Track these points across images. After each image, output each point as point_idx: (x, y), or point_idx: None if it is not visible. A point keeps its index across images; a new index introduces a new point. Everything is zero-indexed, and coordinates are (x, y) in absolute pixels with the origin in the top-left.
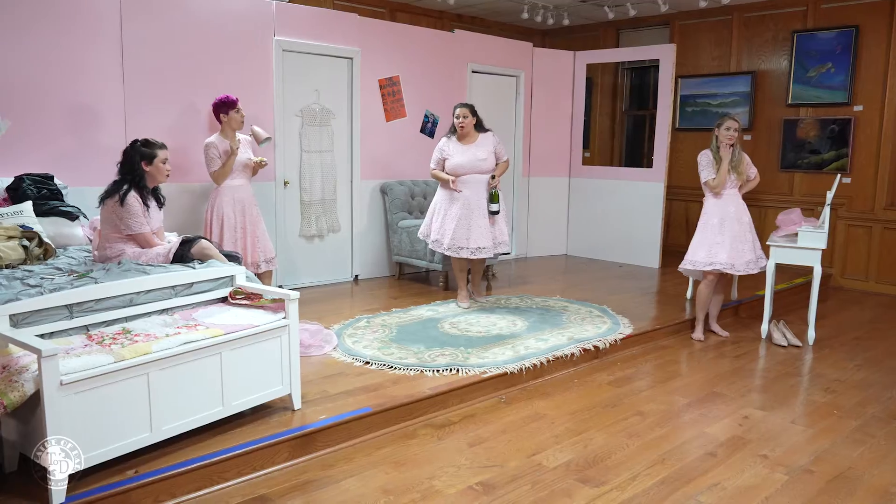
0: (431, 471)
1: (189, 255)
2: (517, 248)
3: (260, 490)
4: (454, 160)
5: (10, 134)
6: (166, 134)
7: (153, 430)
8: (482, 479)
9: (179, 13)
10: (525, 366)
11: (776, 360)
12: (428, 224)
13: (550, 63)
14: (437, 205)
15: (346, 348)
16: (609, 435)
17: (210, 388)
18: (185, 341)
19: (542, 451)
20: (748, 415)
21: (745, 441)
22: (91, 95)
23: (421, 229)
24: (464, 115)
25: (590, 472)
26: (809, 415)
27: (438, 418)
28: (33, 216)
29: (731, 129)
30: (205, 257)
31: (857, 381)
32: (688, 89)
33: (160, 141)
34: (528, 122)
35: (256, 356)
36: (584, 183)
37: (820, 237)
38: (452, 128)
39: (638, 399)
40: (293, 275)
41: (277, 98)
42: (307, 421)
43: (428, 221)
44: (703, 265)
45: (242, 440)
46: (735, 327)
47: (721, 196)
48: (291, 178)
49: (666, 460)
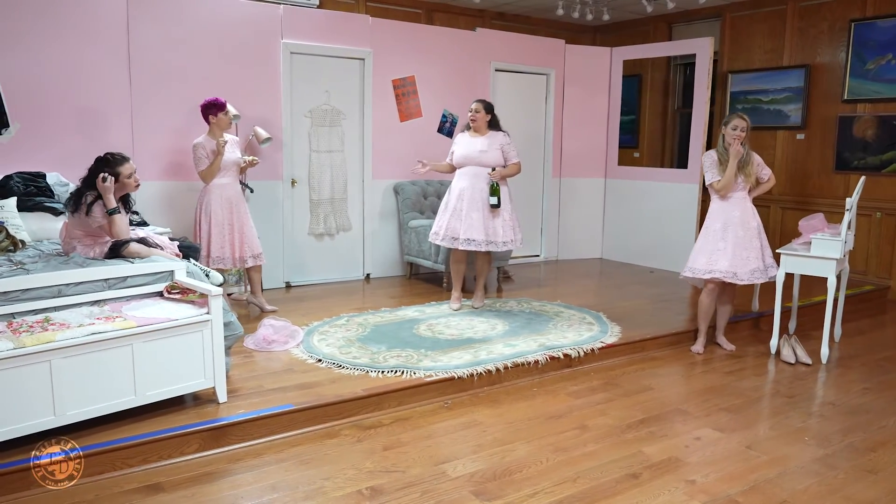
0: (330, 471)
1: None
2: (546, 251)
3: (157, 479)
4: (458, 151)
5: (20, 134)
6: (173, 135)
7: (57, 414)
8: (374, 484)
9: (186, 18)
10: (477, 371)
11: (772, 379)
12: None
13: (584, 60)
14: (444, 202)
15: (307, 346)
16: (535, 448)
17: (121, 378)
18: (91, 332)
19: (454, 459)
20: (702, 436)
21: (680, 464)
22: (98, 98)
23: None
24: (476, 108)
25: (490, 484)
26: (773, 440)
27: (369, 420)
28: (15, 210)
29: (738, 129)
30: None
31: (853, 405)
32: (738, 85)
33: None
34: (560, 122)
35: (174, 349)
36: (620, 184)
37: (834, 246)
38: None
39: (590, 412)
40: (302, 272)
41: (285, 99)
42: (226, 414)
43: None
44: (702, 273)
45: (157, 429)
46: (748, 341)
47: (727, 199)
48: (300, 178)
49: (579, 479)
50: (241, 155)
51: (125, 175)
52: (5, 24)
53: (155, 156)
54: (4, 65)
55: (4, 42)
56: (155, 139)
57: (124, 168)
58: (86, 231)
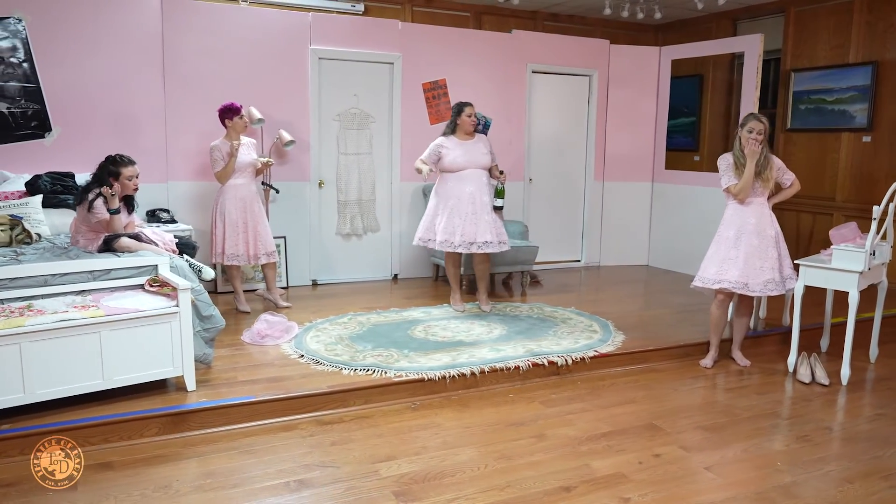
0: (270, 462)
1: (114, 250)
2: (587, 256)
3: (111, 458)
4: (453, 154)
5: (60, 137)
6: (203, 138)
7: (26, 392)
8: (304, 477)
9: (217, 29)
10: (450, 374)
11: (775, 398)
12: (424, 227)
13: (631, 60)
14: (432, 206)
15: (298, 341)
16: (480, 454)
17: (89, 362)
18: (60, 319)
19: (393, 459)
20: (662, 454)
21: (623, 481)
22: (134, 104)
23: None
24: (471, 115)
25: (416, 486)
26: (740, 463)
27: (331, 416)
28: (39, 207)
29: (755, 131)
30: (129, 251)
31: (854, 431)
32: (801, 84)
33: (130, 158)
34: (603, 124)
35: (143, 338)
36: (668, 189)
37: (857, 257)
38: (450, 127)
39: (555, 421)
40: (329, 270)
41: (313, 103)
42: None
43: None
44: (711, 283)
45: (124, 411)
46: (770, 358)
47: (744, 205)
48: (328, 179)
49: (508, 487)
50: (256, 157)
51: (125, 176)
52: (50, 40)
53: (186, 157)
54: (49, 76)
55: (50, 56)
56: (186, 142)
57: (126, 170)
58: (88, 226)
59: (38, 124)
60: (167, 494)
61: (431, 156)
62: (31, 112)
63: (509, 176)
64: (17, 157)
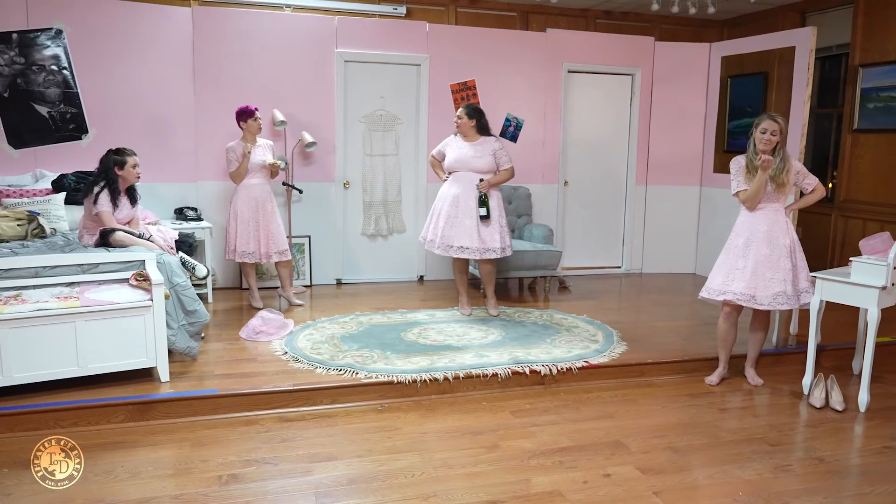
0: (215, 455)
1: (109, 244)
2: (629, 263)
3: (78, 441)
4: (449, 155)
5: (95, 139)
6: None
7: (4, 375)
8: (238, 472)
9: (245, 34)
10: (421, 378)
11: (772, 422)
12: (425, 227)
13: (678, 58)
14: (434, 207)
15: (288, 339)
16: (423, 461)
17: (65, 350)
18: (37, 308)
19: (333, 460)
20: (613, 474)
21: (558, 500)
22: (165, 107)
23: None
24: (459, 115)
25: (340, 489)
26: (696, 490)
27: (294, 413)
28: (61, 204)
29: (769, 132)
30: (122, 245)
31: (850, 464)
32: (870, 80)
33: (131, 149)
34: (647, 125)
35: (117, 329)
36: (716, 193)
37: (878, 272)
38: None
39: (517, 433)
40: (354, 270)
41: (339, 105)
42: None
43: (426, 224)
44: (716, 294)
45: (96, 397)
46: (789, 378)
47: (756, 211)
48: (353, 180)
49: (433, 497)
50: (272, 158)
51: (130, 164)
52: (87, 48)
53: (214, 158)
54: (86, 81)
55: (87, 62)
56: (215, 143)
57: (131, 158)
58: (92, 220)
59: (76, 127)
60: (105, 480)
61: (438, 153)
62: (70, 115)
63: (542, 178)
64: (57, 157)
